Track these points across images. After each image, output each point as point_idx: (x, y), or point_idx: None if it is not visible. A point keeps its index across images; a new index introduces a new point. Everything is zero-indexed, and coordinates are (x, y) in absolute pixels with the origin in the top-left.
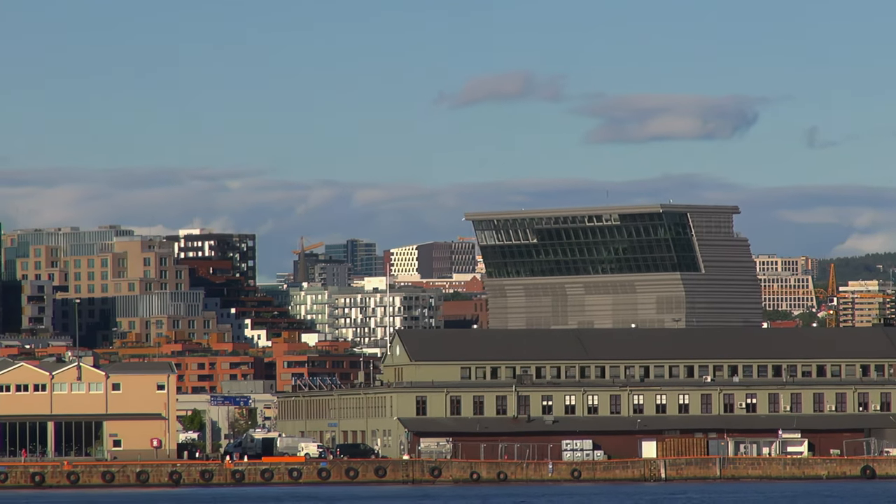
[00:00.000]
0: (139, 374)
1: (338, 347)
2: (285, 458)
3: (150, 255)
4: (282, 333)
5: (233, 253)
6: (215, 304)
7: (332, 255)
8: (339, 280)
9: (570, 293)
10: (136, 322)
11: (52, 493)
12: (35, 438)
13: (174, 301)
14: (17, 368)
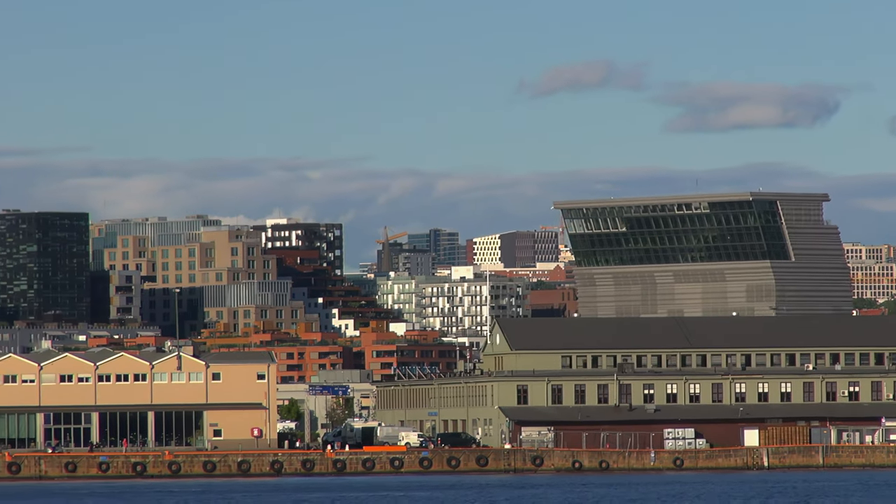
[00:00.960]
0: (239, 363)
1: (426, 337)
2: (386, 447)
3: (237, 244)
4: (369, 323)
5: (320, 242)
6: (303, 293)
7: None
8: (423, 269)
9: (660, 282)
10: (223, 312)
11: (154, 483)
12: (136, 428)
13: (262, 291)
14: (118, 358)
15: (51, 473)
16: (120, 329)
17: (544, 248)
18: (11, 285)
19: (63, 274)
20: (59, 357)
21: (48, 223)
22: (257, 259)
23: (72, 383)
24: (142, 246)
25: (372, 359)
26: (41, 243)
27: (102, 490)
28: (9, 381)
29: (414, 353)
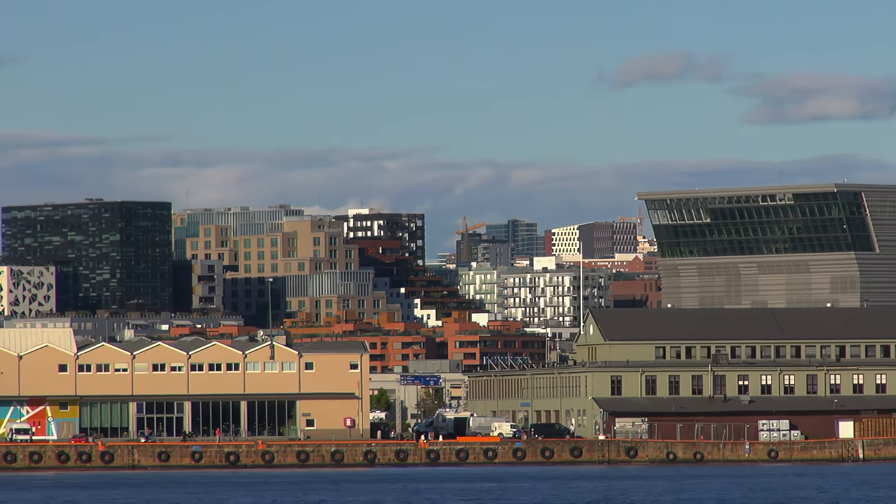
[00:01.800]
0: (332, 353)
1: (509, 327)
2: (478, 437)
3: (319, 234)
4: (451, 313)
5: (401, 232)
6: (384, 283)
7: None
8: (502, 260)
9: (744, 273)
10: (305, 302)
11: (248, 473)
12: (228, 418)
13: (344, 281)
14: (210, 348)
15: (144, 463)
16: (202, 318)
17: (622, 239)
18: (94, 274)
19: (145, 263)
20: (151, 346)
21: (131, 212)
22: (339, 249)
23: (164, 372)
24: (224, 235)
25: (455, 349)
26: (124, 232)
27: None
28: (101, 370)
29: (497, 343)
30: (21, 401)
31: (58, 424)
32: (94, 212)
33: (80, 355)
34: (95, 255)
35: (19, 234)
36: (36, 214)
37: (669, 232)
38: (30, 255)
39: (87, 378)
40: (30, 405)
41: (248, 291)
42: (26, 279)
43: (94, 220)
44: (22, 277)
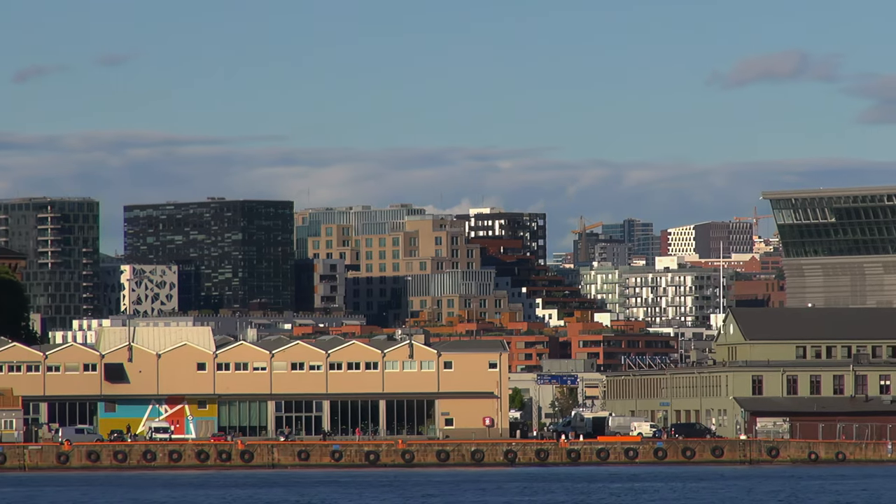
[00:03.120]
0: (471, 352)
1: (632, 327)
2: (618, 437)
3: (441, 234)
4: (574, 313)
5: (523, 232)
6: (506, 283)
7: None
8: (620, 259)
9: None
10: (427, 301)
11: (388, 472)
12: (367, 417)
13: (465, 280)
14: (349, 347)
15: (283, 462)
16: (324, 318)
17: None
18: (216, 273)
19: (267, 262)
20: (290, 345)
21: (253, 211)
22: (461, 248)
23: (303, 371)
24: (346, 235)
25: (579, 349)
26: (246, 231)
27: (336, 479)
28: (240, 369)
29: (621, 343)
30: (160, 399)
31: (196, 423)
32: (216, 211)
33: (219, 354)
34: (217, 253)
35: (141, 233)
36: (158, 213)
37: (794, 231)
38: (152, 254)
39: (225, 377)
40: (168, 404)
41: (369, 291)
42: (148, 278)
43: (216, 219)
44: (144, 276)
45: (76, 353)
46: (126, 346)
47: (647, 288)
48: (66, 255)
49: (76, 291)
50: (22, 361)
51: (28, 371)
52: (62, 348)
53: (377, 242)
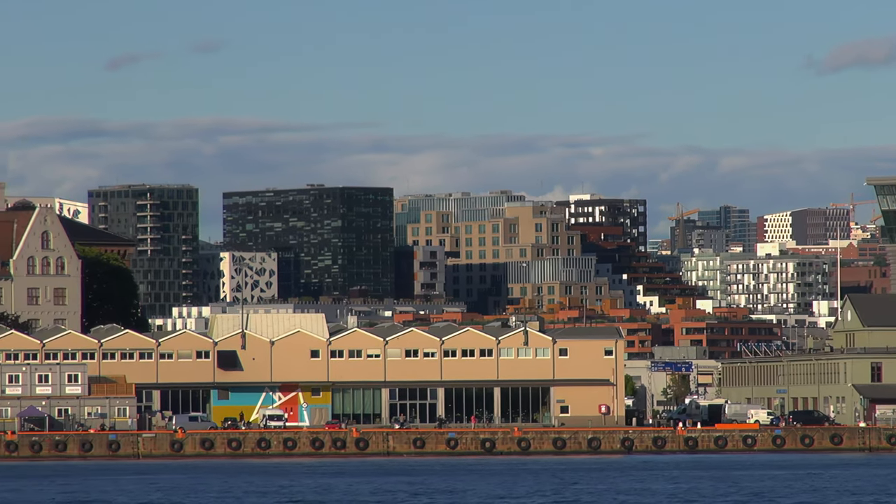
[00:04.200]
0: (587, 339)
1: (735, 314)
2: (735, 425)
3: (541, 220)
4: (675, 300)
5: (623, 218)
6: (606, 270)
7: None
8: (717, 246)
9: None
10: (527, 288)
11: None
12: (481, 404)
13: (566, 267)
14: (464, 333)
15: (399, 449)
16: (425, 305)
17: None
18: (316, 260)
19: (367, 249)
20: (404, 332)
21: (352, 198)
22: (561, 235)
23: (417, 358)
24: (445, 221)
25: (681, 336)
26: (345, 218)
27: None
28: (353, 356)
29: (724, 330)
30: (273, 387)
31: (310, 411)
32: (315, 198)
33: (332, 341)
34: (317, 241)
35: (240, 220)
36: (257, 200)
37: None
38: (251, 242)
39: (339, 364)
40: (282, 391)
41: (469, 278)
42: (248, 265)
43: (316, 205)
44: (244, 264)
45: (189, 340)
46: (239, 333)
47: (748, 275)
48: (166, 242)
49: (175, 279)
50: (135, 349)
51: (141, 358)
52: (175, 335)
53: (477, 229)
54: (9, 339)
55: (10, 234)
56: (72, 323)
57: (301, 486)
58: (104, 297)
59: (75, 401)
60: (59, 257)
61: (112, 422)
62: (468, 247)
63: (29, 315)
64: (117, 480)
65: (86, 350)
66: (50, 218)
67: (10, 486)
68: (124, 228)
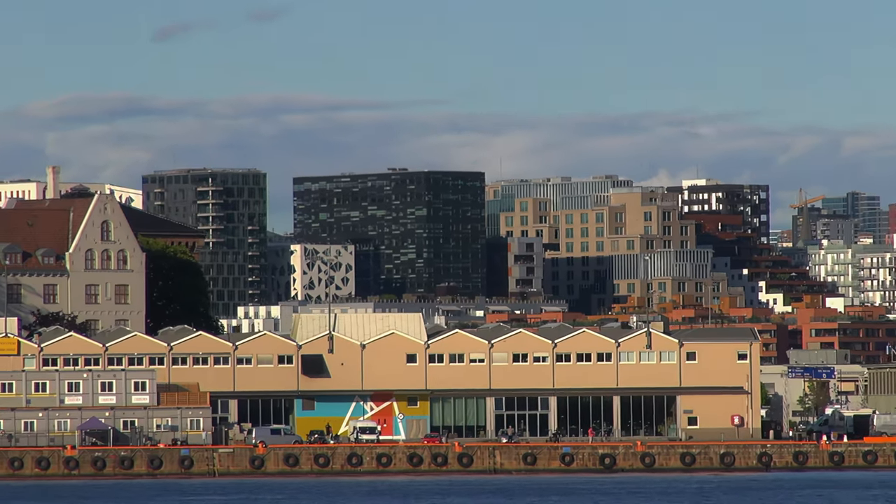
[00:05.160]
0: (717, 341)
1: (871, 313)
2: (884, 438)
3: (650, 208)
4: (802, 298)
5: (743, 206)
6: (724, 264)
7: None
8: (845, 237)
9: None
10: (635, 285)
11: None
12: (599, 415)
13: (679, 261)
14: (578, 335)
15: (507, 466)
16: (521, 304)
17: None
18: (398, 254)
19: (455, 241)
20: (511, 334)
21: (439, 184)
22: (673, 225)
23: (526, 363)
24: (543, 210)
25: (810, 338)
26: (431, 206)
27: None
28: (454, 361)
29: (858, 331)
30: (364, 396)
31: (406, 422)
32: (397, 183)
33: (431, 344)
34: (399, 231)
35: (313, 209)
36: (331, 186)
37: None
38: (325, 233)
39: (438, 370)
40: (374, 401)
41: (570, 273)
42: (322, 259)
43: (398, 192)
44: (317, 257)
45: (270, 343)
46: (326, 335)
47: (884, 269)
48: (230, 233)
49: (241, 275)
50: (209, 353)
51: (215, 364)
52: (254, 338)
53: (578, 218)
54: (67, 342)
55: (66, 225)
56: (135, 324)
57: None
58: (171, 294)
59: (143, 411)
60: (120, 250)
61: (184, 435)
62: (569, 238)
63: (87, 315)
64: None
65: (154, 354)
66: (110, 206)
67: None
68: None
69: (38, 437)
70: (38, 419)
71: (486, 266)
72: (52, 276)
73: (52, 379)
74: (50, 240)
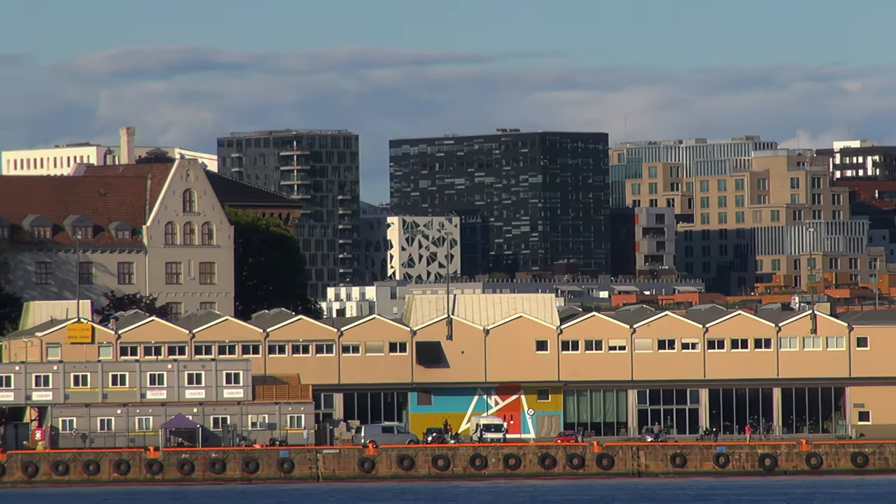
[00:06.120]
0: (893, 325)
1: None
2: None
3: (798, 174)
4: None
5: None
6: (882, 237)
7: None
8: None
9: None
10: (780, 261)
11: (791, 483)
12: (756, 410)
13: (830, 234)
14: (733, 318)
15: (652, 468)
16: (651, 283)
17: None
18: (510, 227)
19: (575, 212)
20: (656, 317)
21: (556, 147)
22: (824, 193)
23: (673, 351)
24: (674, 176)
25: None
26: (547, 172)
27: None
28: (591, 349)
29: None
30: (488, 388)
31: (536, 419)
32: (507, 146)
33: (564, 329)
34: (511, 201)
35: (412, 176)
36: (433, 150)
37: None
38: (426, 203)
39: (572, 358)
40: (499, 394)
41: (706, 248)
42: (423, 233)
43: (509, 157)
44: (417, 231)
45: (380, 328)
46: (444, 319)
47: None
48: (318, 203)
49: (330, 251)
50: (310, 340)
51: (318, 352)
52: (361, 322)
53: (715, 185)
54: (148, 328)
55: (143, 194)
56: (223, 306)
57: None
58: (263, 273)
59: (235, 407)
60: (205, 223)
61: (283, 434)
62: (704, 208)
63: (167, 297)
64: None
65: (247, 342)
66: (193, 172)
67: None
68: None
69: (116, 436)
70: (116, 416)
71: (611, 240)
72: (128, 253)
73: (131, 370)
74: (125, 211)
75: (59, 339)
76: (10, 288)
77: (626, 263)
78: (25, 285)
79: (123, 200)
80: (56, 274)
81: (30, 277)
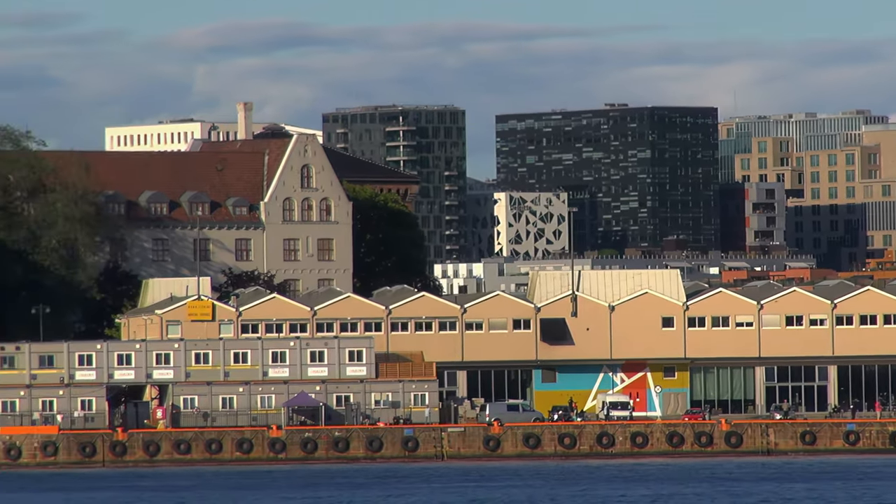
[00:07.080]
0: None
1: None
2: None
3: None
4: None
5: None
6: None
7: None
8: None
9: None
10: (892, 236)
11: None
12: (887, 386)
13: None
14: (863, 294)
15: (781, 447)
16: (761, 259)
17: None
18: (618, 202)
19: (684, 187)
20: (784, 293)
21: (664, 122)
22: None
23: (801, 327)
24: (784, 151)
25: None
26: (656, 148)
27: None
28: (718, 325)
29: None
30: (614, 366)
31: (662, 396)
32: (616, 121)
33: (690, 305)
34: (619, 177)
35: (519, 151)
36: (540, 125)
37: None
38: (533, 179)
39: (699, 335)
40: (625, 371)
41: (816, 224)
42: (530, 209)
43: (617, 132)
44: (525, 207)
45: (503, 305)
46: (568, 295)
47: None
48: (424, 179)
49: (437, 227)
50: (433, 317)
51: (441, 330)
52: (485, 299)
53: (826, 160)
54: (270, 305)
55: (261, 170)
56: (341, 283)
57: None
58: (381, 250)
59: (359, 385)
60: (323, 199)
61: (407, 412)
62: (815, 183)
63: (286, 274)
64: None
65: (370, 319)
66: (311, 147)
67: (282, 496)
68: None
69: (238, 415)
70: (238, 395)
71: (720, 216)
72: (246, 230)
73: (253, 348)
74: (242, 187)
75: (179, 317)
76: (127, 265)
77: (736, 239)
78: (142, 262)
79: (241, 176)
80: (173, 251)
81: (146, 255)
